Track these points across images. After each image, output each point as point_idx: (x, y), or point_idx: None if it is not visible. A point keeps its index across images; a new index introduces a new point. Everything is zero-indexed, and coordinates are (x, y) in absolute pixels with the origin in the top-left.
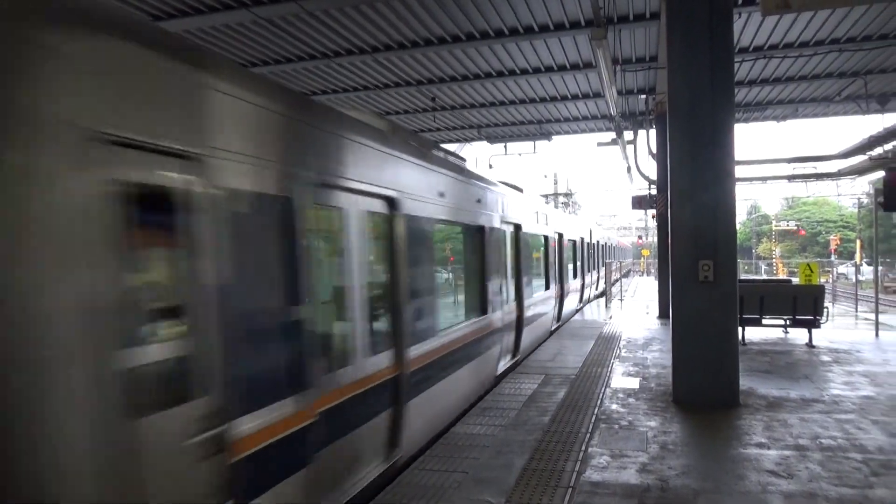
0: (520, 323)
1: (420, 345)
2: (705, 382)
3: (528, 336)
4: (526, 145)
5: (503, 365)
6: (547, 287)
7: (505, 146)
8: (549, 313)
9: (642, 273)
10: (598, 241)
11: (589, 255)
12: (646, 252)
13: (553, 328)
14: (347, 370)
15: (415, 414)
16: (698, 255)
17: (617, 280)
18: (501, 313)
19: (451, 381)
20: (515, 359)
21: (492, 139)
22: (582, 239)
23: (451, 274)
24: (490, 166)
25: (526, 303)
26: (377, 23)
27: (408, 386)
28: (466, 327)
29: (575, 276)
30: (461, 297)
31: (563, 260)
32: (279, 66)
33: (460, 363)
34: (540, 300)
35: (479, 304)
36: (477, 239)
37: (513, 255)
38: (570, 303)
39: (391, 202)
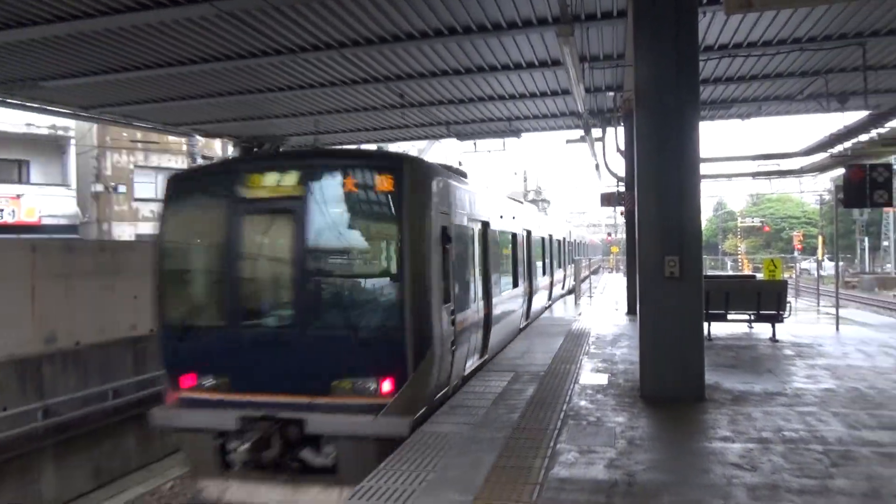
0: (530, 298)
1: (496, 298)
2: (672, 377)
3: (534, 307)
4: (495, 142)
5: (522, 323)
6: (544, 274)
7: (474, 143)
8: (545, 293)
9: (611, 270)
10: (575, 240)
11: (569, 252)
12: (615, 249)
13: (546, 305)
14: (477, 305)
15: (492, 337)
16: (664, 251)
17: (586, 277)
18: (521, 289)
19: (504, 323)
20: (528, 322)
21: (461, 136)
22: (564, 238)
23: (503, 261)
24: (459, 164)
25: (533, 285)
26: (343, 17)
27: (491, 320)
28: (510, 293)
29: (559, 267)
30: (506, 276)
31: (552, 255)
32: (243, 60)
33: (507, 314)
34: (540, 284)
35: (513, 281)
36: (512, 240)
37: (526, 251)
38: (557, 289)
39: (485, 224)
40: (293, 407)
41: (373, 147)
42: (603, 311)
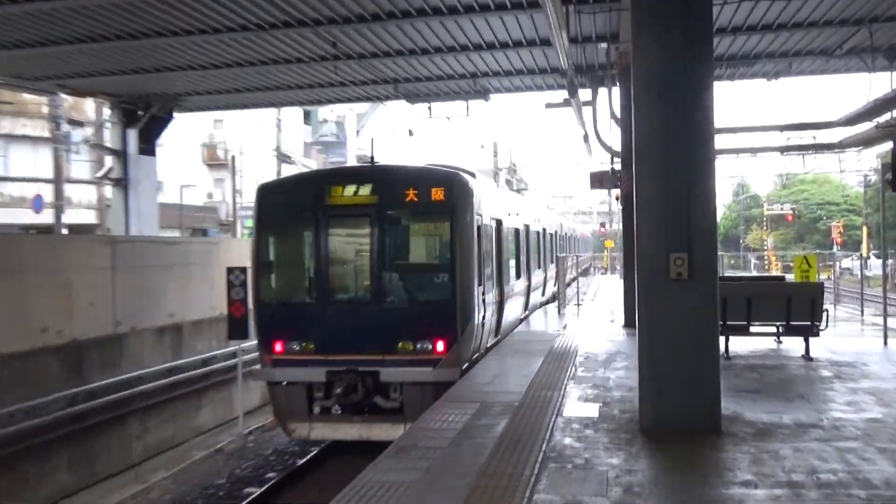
0: (528, 291)
1: (506, 287)
2: (679, 407)
3: (531, 300)
4: (456, 107)
5: (522, 314)
6: (539, 268)
7: (429, 107)
8: (540, 290)
9: (605, 270)
10: (566, 233)
11: (561, 246)
12: (609, 243)
13: (542, 300)
14: (495, 291)
15: (503, 320)
16: (670, 247)
17: (573, 279)
18: (523, 281)
19: (510, 309)
20: (526, 312)
21: (412, 98)
22: (556, 232)
23: (510, 255)
24: (410, 133)
25: (531, 279)
26: None
27: (504, 305)
28: (515, 282)
29: (552, 262)
30: (512, 268)
31: (546, 250)
32: None
33: (513, 302)
34: (537, 279)
35: (517, 273)
36: (515, 236)
37: (525, 245)
38: (550, 285)
39: (499, 221)
40: (369, 363)
41: (299, 110)
42: (594, 322)
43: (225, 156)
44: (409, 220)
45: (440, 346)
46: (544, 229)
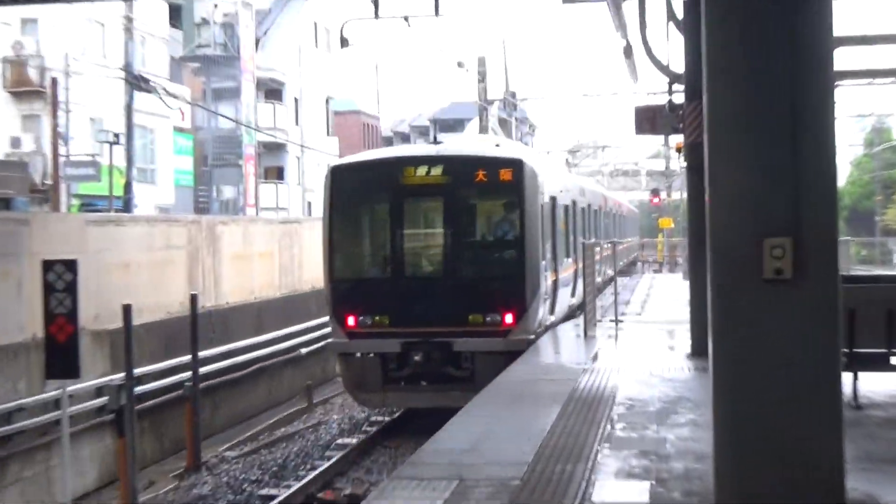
0: (576, 275)
1: (561, 266)
2: (778, 485)
3: (578, 287)
4: (419, 1)
5: (572, 301)
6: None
7: (374, 1)
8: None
9: (659, 266)
10: (611, 209)
11: (606, 226)
12: (666, 222)
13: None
14: (552, 267)
15: (557, 304)
16: (762, 228)
17: (610, 281)
18: (572, 262)
19: (562, 292)
20: (573, 299)
21: None
22: (600, 207)
23: (561, 233)
24: (344, 43)
25: (578, 262)
26: None
27: (557, 285)
28: (567, 263)
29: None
30: (562, 248)
31: (591, 228)
32: None
33: (565, 284)
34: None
35: (566, 252)
36: (565, 212)
37: (573, 223)
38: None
39: (553, 198)
40: (442, 334)
41: (164, 4)
42: (641, 349)
43: (41, 78)
44: (479, 199)
45: (509, 318)
46: (589, 205)
